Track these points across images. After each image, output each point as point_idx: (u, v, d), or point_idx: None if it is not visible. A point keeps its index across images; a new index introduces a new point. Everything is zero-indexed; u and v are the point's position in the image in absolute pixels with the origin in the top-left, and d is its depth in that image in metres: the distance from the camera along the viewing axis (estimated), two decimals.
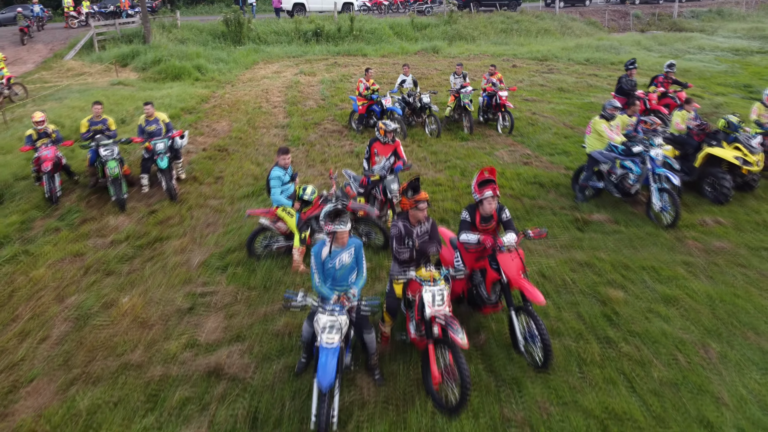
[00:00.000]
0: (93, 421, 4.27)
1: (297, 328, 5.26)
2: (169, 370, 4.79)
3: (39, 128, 8.49)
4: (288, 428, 4.15)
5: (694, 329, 5.26)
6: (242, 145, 10.97)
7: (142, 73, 17.60)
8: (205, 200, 8.34)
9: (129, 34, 21.58)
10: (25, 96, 14.66)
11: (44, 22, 24.87)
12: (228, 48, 21.20)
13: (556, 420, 4.20)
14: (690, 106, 8.76)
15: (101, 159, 8.00)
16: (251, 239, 6.60)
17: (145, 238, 7.17)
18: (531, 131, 11.65)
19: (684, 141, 8.49)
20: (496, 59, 19.25)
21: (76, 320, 5.53)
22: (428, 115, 11.54)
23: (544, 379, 4.61)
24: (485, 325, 5.32)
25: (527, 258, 6.38)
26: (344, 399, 4.37)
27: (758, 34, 25.76)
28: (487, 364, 4.81)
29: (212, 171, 9.52)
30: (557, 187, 8.67)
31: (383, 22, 25.19)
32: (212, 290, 5.99)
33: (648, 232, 7.19)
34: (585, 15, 29.09)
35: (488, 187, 4.85)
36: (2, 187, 8.79)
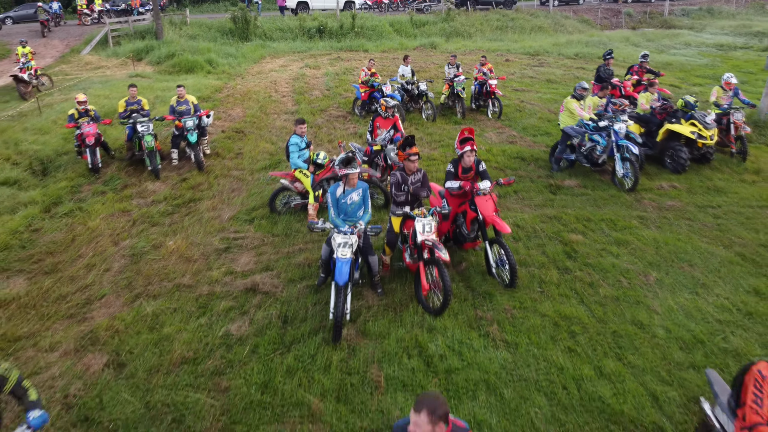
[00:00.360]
0: (157, 322, 5.55)
1: (314, 260, 6.53)
2: (213, 289, 6.07)
3: (81, 108, 9.76)
4: (311, 324, 5.43)
5: (638, 262, 6.54)
6: (256, 127, 12.25)
7: (156, 67, 18.88)
8: (228, 171, 9.62)
9: (141, 31, 22.89)
10: (51, 86, 15.95)
11: (61, 18, 26.20)
12: (236, 44, 22.49)
13: (518, 319, 5.48)
14: (653, 89, 10.06)
15: (138, 134, 9.28)
16: (273, 197, 7.89)
17: (181, 199, 8.45)
18: (518, 116, 12.93)
19: (648, 119, 9.77)
20: (491, 54, 20.53)
21: (131, 257, 6.81)
22: (425, 101, 12.82)
23: (511, 293, 5.89)
24: (466, 258, 6.60)
25: (506, 214, 7.70)
26: (354, 304, 5.64)
27: (744, 30, 27.05)
28: (466, 283, 6.09)
29: (232, 148, 10.80)
30: (536, 160, 9.95)
31: (383, 19, 26.49)
32: (243, 236, 7.27)
33: (611, 194, 8.47)
34: (578, 13, 30.41)
35: (467, 144, 6.14)
36: (47, 161, 10.09)
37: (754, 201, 8.28)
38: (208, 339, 5.23)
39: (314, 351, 5.04)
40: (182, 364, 4.91)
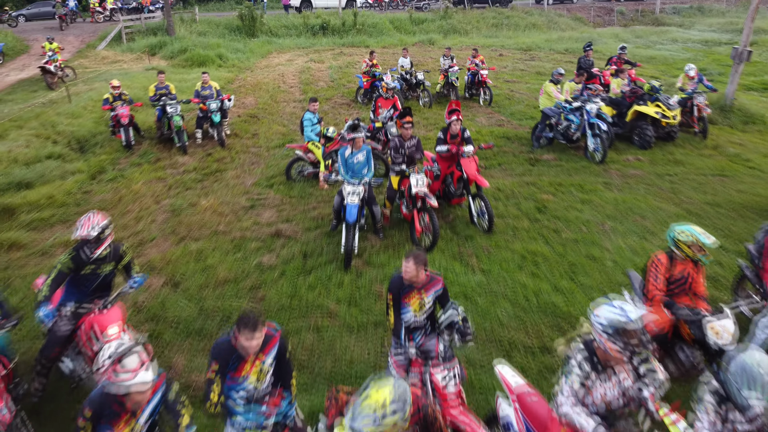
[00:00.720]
0: (201, 256, 6.90)
1: (327, 215, 7.88)
2: (245, 234, 7.43)
3: (115, 92, 11.11)
4: (327, 257, 6.79)
5: (598, 215, 7.89)
6: (269, 113, 13.61)
7: (170, 61, 20.24)
8: (247, 148, 10.98)
9: (153, 28, 24.28)
10: (74, 77, 17.31)
11: (77, 15, 27.65)
12: (243, 40, 23.86)
13: (493, 254, 6.83)
14: (624, 75, 11.43)
15: (167, 115, 10.63)
16: (289, 167, 9.25)
17: (208, 169, 9.81)
18: (507, 104, 14.29)
19: (619, 102, 11.12)
20: (486, 50, 21.89)
21: (172, 212, 8.16)
22: (422, 89, 14.18)
23: (488, 237, 7.24)
24: (453, 212, 7.96)
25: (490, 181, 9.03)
26: (360, 244, 6.99)
27: (731, 27, 28.42)
28: (452, 230, 7.45)
29: (248, 130, 12.16)
30: (520, 139, 11.31)
31: (384, 17, 27.87)
32: (264, 197, 8.63)
33: (583, 165, 9.82)
34: (572, 11, 31.79)
35: (454, 114, 7.50)
36: (83, 141, 11.44)
37: (707, 170, 9.64)
38: (244, 267, 6.59)
39: (330, 274, 6.40)
40: (225, 283, 6.27)
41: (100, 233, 4.44)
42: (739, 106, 12.84)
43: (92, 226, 4.40)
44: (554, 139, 10.70)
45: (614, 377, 3.02)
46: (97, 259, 4.48)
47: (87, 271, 4.50)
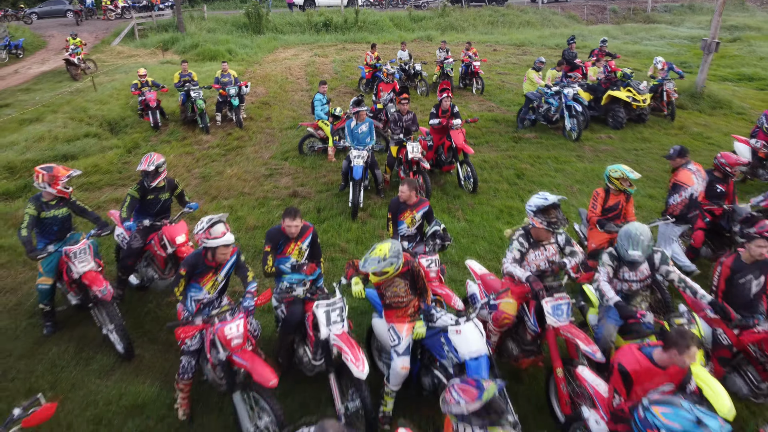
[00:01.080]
0: (232, 210, 8.28)
1: (336, 181, 9.24)
2: (266, 195, 8.82)
3: (142, 79, 12.50)
4: (337, 211, 8.17)
5: (568, 180, 9.28)
6: (279, 101, 15.01)
7: (182, 55, 21.60)
8: (262, 129, 12.37)
9: (164, 25, 25.70)
10: (95, 70, 18.71)
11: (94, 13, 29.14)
12: (250, 36, 25.24)
13: (476, 208, 8.22)
14: (600, 63, 12.83)
15: (191, 99, 12.02)
16: (301, 142, 10.64)
17: (229, 146, 11.21)
18: (498, 92, 15.69)
19: (595, 88, 12.51)
20: (481, 45, 23.28)
21: (203, 178, 9.55)
22: (420, 79, 15.58)
23: (473, 196, 8.63)
24: (443, 178, 9.35)
25: (477, 154, 10.43)
26: (364, 201, 8.37)
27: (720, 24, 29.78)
28: (443, 191, 8.85)
29: (262, 115, 13.56)
30: (507, 122, 12.70)
31: (384, 15, 29.29)
32: (281, 167, 10.02)
33: (560, 142, 11.22)
34: (566, 9, 33.22)
35: (445, 92, 8.90)
36: (113, 123, 12.82)
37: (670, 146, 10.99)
38: (268, 217, 7.98)
39: (340, 223, 7.79)
40: (254, 228, 7.66)
41: (158, 168, 5.78)
42: (708, 93, 14.24)
43: (150, 162, 5.75)
44: (536, 120, 12.08)
45: (543, 250, 4.41)
46: (156, 188, 5.83)
47: (150, 197, 5.85)
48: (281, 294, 4.43)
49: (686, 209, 5.87)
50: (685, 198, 5.85)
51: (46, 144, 11.08)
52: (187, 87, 12.17)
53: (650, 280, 4.26)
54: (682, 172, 5.96)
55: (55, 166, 5.32)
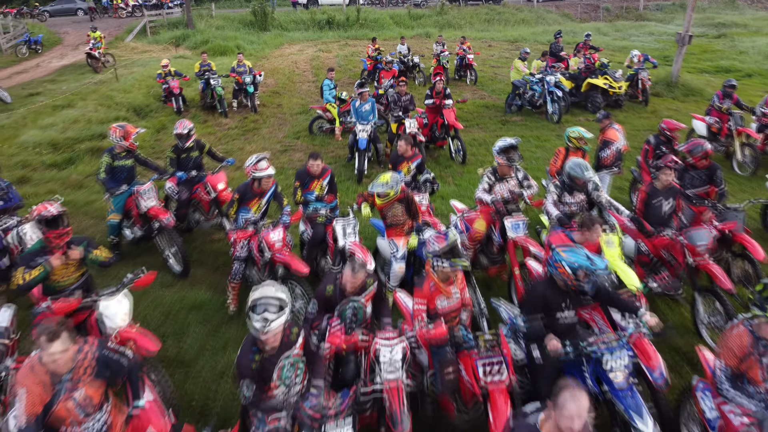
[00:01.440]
0: None
1: (343, 156, 10.67)
2: (283, 165, 10.24)
3: (165, 69, 13.93)
4: (344, 177, 9.60)
5: (547, 154, 10.68)
6: (288, 90, 16.46)
7: (194, 51, 23.07)
8: (274, 114, 13.82)
9: (174, 22, 27.18)
10: (114, 63, 20.15)
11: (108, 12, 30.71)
12: (257, 33, 26.71)
13: (464, 176, 9.65)
14: (580, 55, 14.28)
15: (211, 87, 13.46)
16: (311, 124, 12.07)
17: (246, 127, 12.64)
18: (490, 83, 17.13)
19: (576, 77, 13.95)
20: (477, 41, 24.75)
21: (226, 153, 10.98)
22: (417, 71, 17.02)
23: (462, 166, 10.06)
24: (437, 152, 10.79)
25: (468, 135, 11.85)
26: (369, 170, 9.79)
27: (707, 22, 31.32)
28: (436, 162, 10.29)
29: (273, 102, 15.00)
30: (497, 108, 14.15)
31: (384, 13, 30.78)
32: (294, 145, 11.46)
33: (543, 124, 12.65)
34: (560, 8, 34.70)
35: (438, 76, 10.34)
36: (139, 108, 14.26)
37: (641, 127, 12.44)
38: (288, 182, 9.41)
39: (348, 186, 9.23)
40: None
41: (189, 131, 7.20)
42: (683, 82, 15.68)
43: (184, 127, 7.17)
44: (522, 105, 13.53)
45: (506, 183, 5.84)
46: (187, 148, 7.25)
47: (183, 156, 7.26)
48: (310, 214, 5.89)
49: (614, 160, 7.36)
50: (613, 151, 7.33)
51: (81, 125, 12.52)
52: (207, 76, 13.61)
53: (585, 203, 5.68)
54: (609, 131, 7.45)
55: (126, 125, 6.76)
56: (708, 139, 10.20)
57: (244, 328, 5.52)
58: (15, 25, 25.75)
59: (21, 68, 20.44)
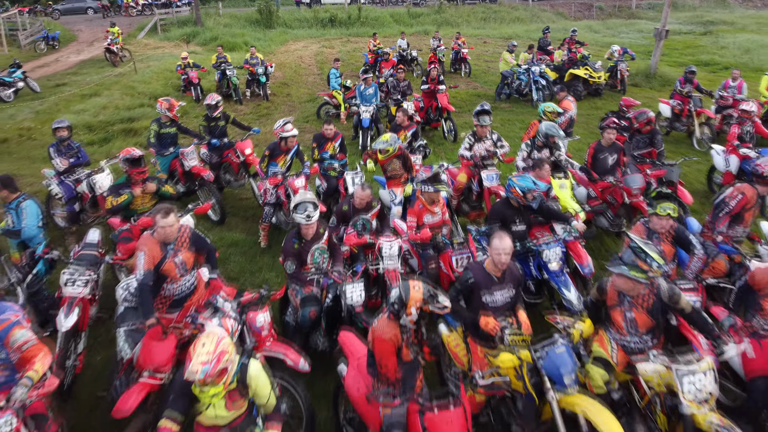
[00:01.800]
0: None
1: (348, 136, 12.13)
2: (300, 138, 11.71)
3: (184, 61, 15.42)
4: (350, 151, 11.03)
5: None
6: (295, 82, 17.95)
7: (204, 47, 24.57)
8: (284, 102, 15.31)
9: (183, 20, 28.69)
10: (131, 57, 21.64)
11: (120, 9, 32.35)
12: (263, 31, 28.22)
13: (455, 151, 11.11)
14: (564, 47, 15.78)
15: (227, 77, 14.94)
16: (319, 108, 13.55)
17: (260, 113, 14.13)
18: (483, 76, 18.63)
19: (560, 68, 15.43)
20: (473, 38, 26.24)
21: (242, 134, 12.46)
22: (416, 64, 18.51)
23: (453, 143, 11.54)
24: (431, 132, 12.27)
25: (460, 119, 13.32)
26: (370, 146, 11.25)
27: (696, 20, 32.87)
28: (430, 141, 11.76)
29: (283, 92, 16.49)
30: (487, 96, 15.63)
31: (385, 11, 32.31)
32: (304, 127, 12.93)
33: (528, 110, 14.13)
34: (555, 7, 36.24)
35: (433, 64, 11.83)
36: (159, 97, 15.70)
37: None
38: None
39: (353, 160, 10.64)
40: None
41: (217, 103, 8.69)
42: (660, 74, 17.18)
43: (212, 99, 8.67)
44: (510, 94, 15.01)
45: (483, 143, 7.31)
46: (215, 118, 8.73)
47: (212, 124, 8.74)
48: (325, 168, 7.37)
49: (567, 127, 8.89)
50: (567, 118, 8.85)
51: (110, 111, 14.01)
52: (223, 67, 15.10)
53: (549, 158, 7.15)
54: (564, 102, 9.01)
55: (171, 99, 8.24)
56: (671, 120, 11.76)
57: (275, 257, 7.00)
58: (32, 22, 27.24)
59: (42, 62, 21.92)
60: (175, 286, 4.47)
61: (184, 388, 3.07)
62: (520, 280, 4.16)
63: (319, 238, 4.90)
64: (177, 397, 3.10)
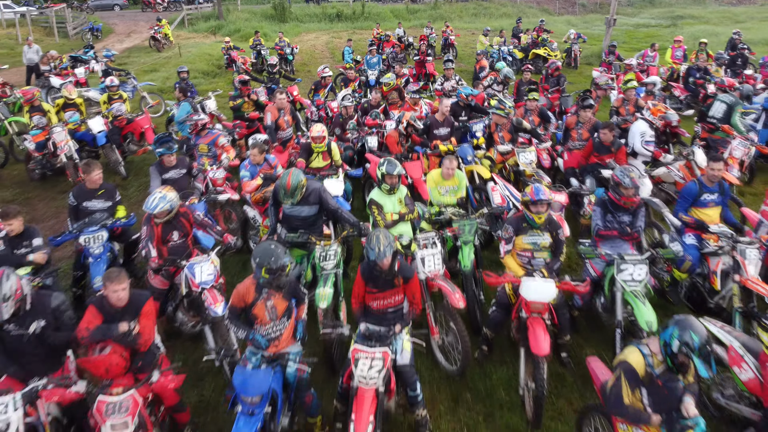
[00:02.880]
0: None
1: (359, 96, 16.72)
2: None
3: (227, 44, 20.05)
4: None
5: None
6: (313, 63, 22.58)
7: (229, 37, 29.22)
8: (307, 76, 19.91)
9: (206, 15, 33.43)
10: (170, 45, 26.29)
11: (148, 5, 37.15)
12: (277, 25, 32.93)
13: None
14: (529, 33, 20.46)
15: (262, 56, 19.55)
16: (336, 77, 18.17)
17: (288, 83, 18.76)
18: (468, 58, 23.23)
19: (526, 49, 20.05)
20: (463, 30, 30.93)
21: None
22: (411, 48, 23.15)
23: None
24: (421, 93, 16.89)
25: None
26: None
27: (667, 15, 37.57)
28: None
29: (304, 69, 21.12)
30: (468, 72, 20.23)
31: (386, 8, 37.05)
32: None
33: None
34: (540, 4, 40.99)
35: (424, 41, 16.48)
36: (206, 73, 20.34)
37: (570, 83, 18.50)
38: None
39: None
40: None
41: (276, 63, 13.31)
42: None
43: (274, 60, 13.30)
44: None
45: (449, 81, 11.89)
46: (274, 73, 13.33)
47: (272, 76, 13.33)
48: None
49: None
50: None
51: (174, 80, 18.61)
52: (258, 48, 19.71)
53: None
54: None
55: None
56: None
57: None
58: (75, 16, 31.94)
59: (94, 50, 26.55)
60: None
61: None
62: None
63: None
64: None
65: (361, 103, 10.59)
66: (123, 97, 11.12)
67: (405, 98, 11.56)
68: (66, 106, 10.36)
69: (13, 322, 4.12)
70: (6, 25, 28.94)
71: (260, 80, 13.24)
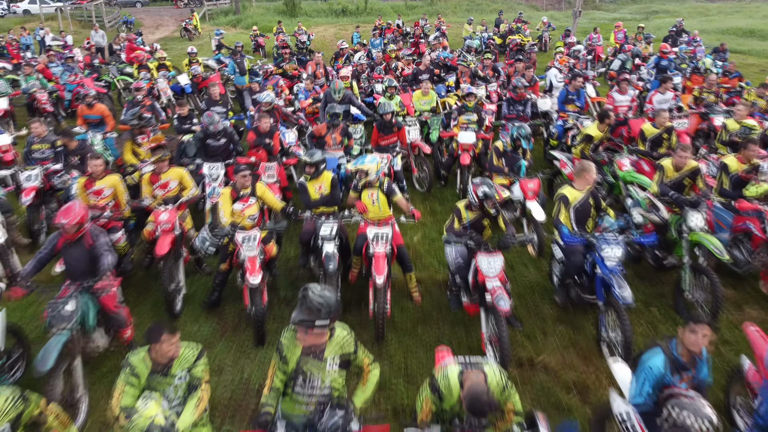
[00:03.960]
0: None
1: None
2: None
3: (255, 32, 24.66)
4: None
5: None
6: (325, 50, 27.20)
7: (246, 30, 33.85)
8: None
9: (225, 10, 38.14)
10: (199, 35, 30.88)
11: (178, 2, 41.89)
12: (288, 19, 37.56)
13: None
14: (504, 24, 25.10)
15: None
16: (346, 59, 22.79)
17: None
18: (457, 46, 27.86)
19: (504, 35, 24.65)
20: (456, 23, 35.54)
21: None
22: (409, 37, 27.79)
23: None
24: None
25: None
26: None
27: (643, 10, 42.25)
28: None
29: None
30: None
31: (386, 4, 41.77)
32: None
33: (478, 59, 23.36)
34: (529, 0, 45.70)
35: (417, 25, 21.10)
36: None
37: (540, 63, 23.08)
38: None
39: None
40: None
41: (305, 40, 17.89)
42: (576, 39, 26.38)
43: (303, 34, 17.86)
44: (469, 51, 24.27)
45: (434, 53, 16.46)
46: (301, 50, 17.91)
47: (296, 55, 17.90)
48: None
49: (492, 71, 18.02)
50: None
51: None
52: (282, 35, 24.33)
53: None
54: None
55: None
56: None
57: None
58: (109, 11, 36.64)
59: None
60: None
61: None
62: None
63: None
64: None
65: (370, 64, 15.18)
66: (200, 62, 15.70)
67: (401, 60, 16.15)
68: (160, 66, 14.95)
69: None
70: (45, 18, 33.65)
71: (293, 52, 17.82)
